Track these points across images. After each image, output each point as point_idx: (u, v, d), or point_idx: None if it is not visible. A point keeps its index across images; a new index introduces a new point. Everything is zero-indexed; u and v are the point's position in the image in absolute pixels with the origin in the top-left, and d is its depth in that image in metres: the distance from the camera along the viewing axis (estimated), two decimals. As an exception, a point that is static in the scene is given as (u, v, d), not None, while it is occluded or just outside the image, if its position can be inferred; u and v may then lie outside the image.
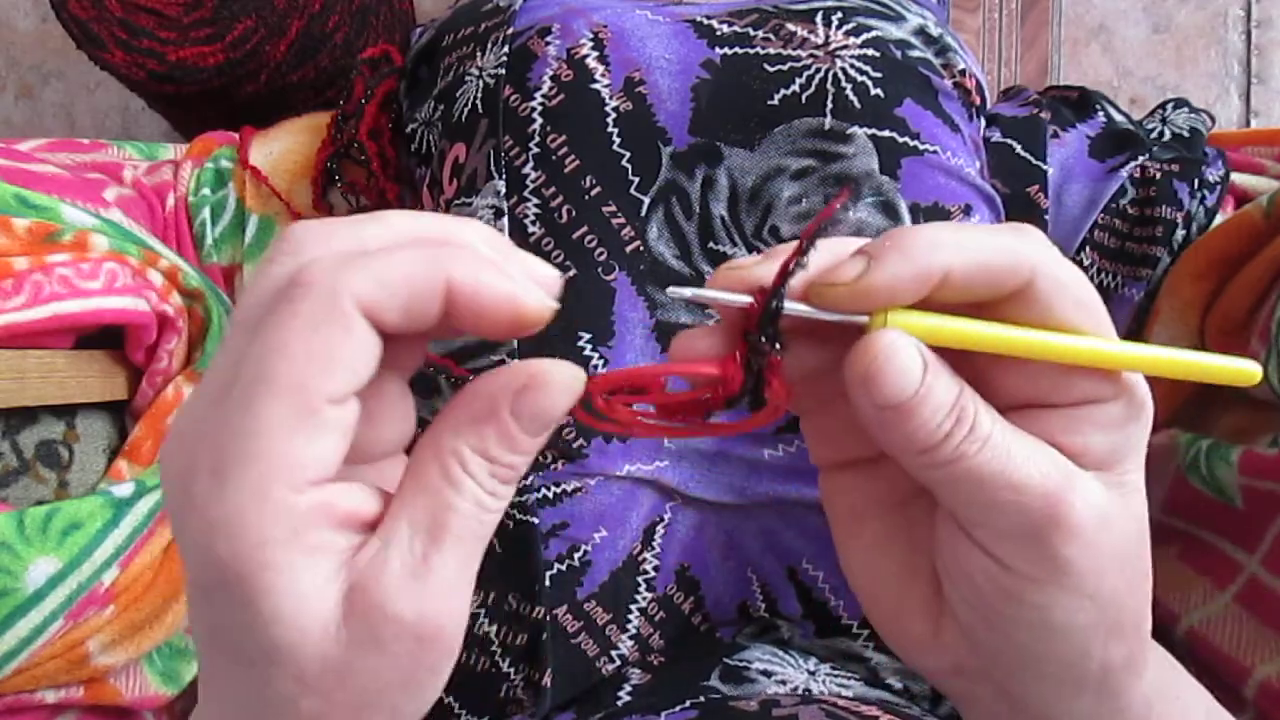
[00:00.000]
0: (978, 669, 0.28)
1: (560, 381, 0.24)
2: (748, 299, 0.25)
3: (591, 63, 0.54)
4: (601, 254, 0.51)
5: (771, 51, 0.53)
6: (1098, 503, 0.25)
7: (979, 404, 0.25)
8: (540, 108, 0.53)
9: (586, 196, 0.52)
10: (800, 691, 0.47)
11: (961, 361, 0.26)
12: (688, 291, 0.25)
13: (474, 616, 0.50)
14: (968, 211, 0.53)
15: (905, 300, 0.24)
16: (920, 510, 0.29)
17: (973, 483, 0.25)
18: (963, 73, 0.57)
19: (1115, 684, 0.28)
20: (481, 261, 0.23)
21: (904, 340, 0.24)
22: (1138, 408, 0.26)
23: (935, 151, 0.52)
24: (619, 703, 0.48)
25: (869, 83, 0.52)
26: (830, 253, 0.25)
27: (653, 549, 0.52)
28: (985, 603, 0.26)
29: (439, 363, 0.55)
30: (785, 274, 0.25)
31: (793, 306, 0.25)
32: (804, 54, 0.53)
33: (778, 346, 0.25)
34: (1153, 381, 0.27)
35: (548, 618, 0.49)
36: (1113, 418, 0.26)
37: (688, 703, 0.45)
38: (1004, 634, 0.27)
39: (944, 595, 0.28)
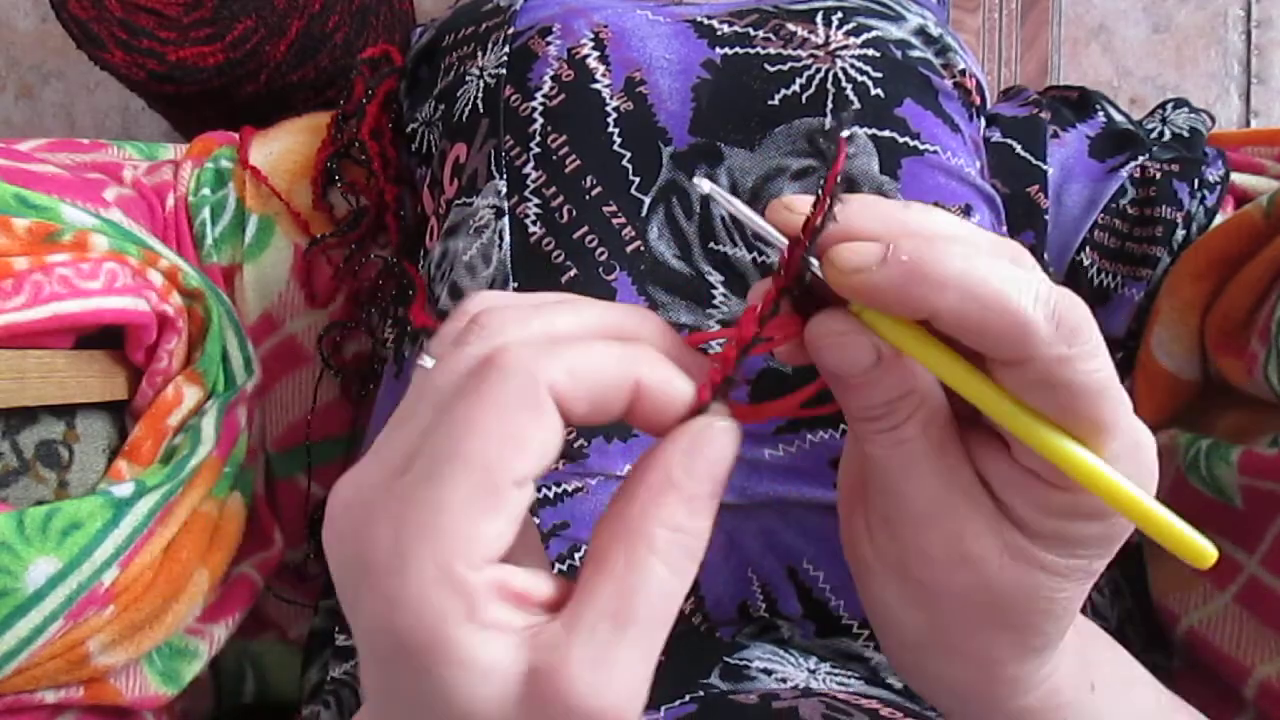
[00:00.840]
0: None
1: (721, 426, 0.24)
2: (783, 241, 0.25)
3: (592, 63, 0.54)
4: (602, 254, 0.51)
5: (772, 51, 0.53)
6: (965, 553, 0.26)
7: (921, 416, 0.26)
8: (541, 107, 0.53)
9: (587, 196, 0.52)
10: (800, 688, 0.47)
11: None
12: (743, 208, 0.26)
13: None
14: (967, 211, 0.53)
15: (888, 311, 0.24)
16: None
17: (879, 468, 0.27)
18: (963, 73, 0.57)
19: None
20: (668, 366, 0.24)
21: (861, 333, 0.25)
22: (1096, 529, 0.26)
23: (935, 151, 0.52)
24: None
25: (869, 83, 0.52)
26: (871, 218, 0.25)
27: (653, 549, 0.52)
28: (859, 565, 0.30)
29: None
30: (813, 230, 0.25)
31: (813, 264, 0.25)
32: (804, 54, 0.53)
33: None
34: (1153, 383, 0.27)
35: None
36: (1090, 533, 0.26)
37: (687, 697, 0.45)
38: (870, 602, 0.30)
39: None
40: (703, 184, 0.26)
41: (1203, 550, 0.24)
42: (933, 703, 0.32)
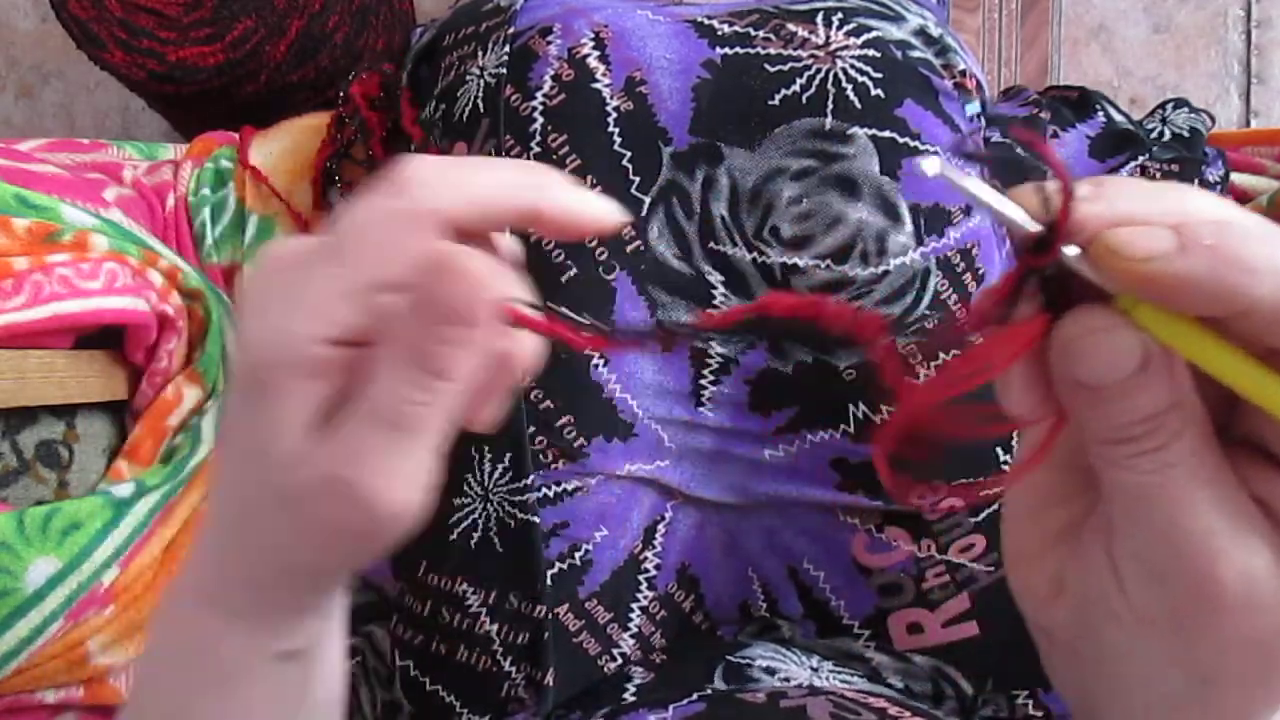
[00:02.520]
0: (1069, 657, 0.27)
1: (467, 271, 0.25)
2: (1037, 227, 0.21)
3: (592, 62, 0.54)
4: (602, 254, 0.51)
5: (772, 52, 0.53)
6: (1258, 595, 0.22)
7: (1191, 434, 0.22)
8: (541, 107, 0.53)
9: (587, 196, 0.52)
10: (807, 686, 0.47)
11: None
12: (986, 190, 0.22)
13: (475, 615, 0.50)
14: (968, 212, 0.53)
15: (1186, 310, 0.21)
16: (1090, 504, 0.26)
17: (1135, 500, 0.23)
18: (963, 73, 0.57)
19: (1246, 712, 0.24)
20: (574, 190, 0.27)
21: (1128, 331, 0.21)
22: None
23: (935, 152, 0.52)
24: (624, 700, 0.48)
25: (869, 83, 0.52)
26: (1141, 200, 0.22)
27: (654, 548, 0.52)
28: (1089, 613, 0.25)
29: None
30: (1066, 219, 0.21)
31: (1067, 253, 0.21)
32: (804, 54, 0.53)
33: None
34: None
35: (549, 617, 0.49)
36: None
37: (695, 695, 0.45)
38: (1097, 653, 0.25)
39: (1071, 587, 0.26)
40: (930, 164, 0.22)
41: None
42: None
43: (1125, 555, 0.24)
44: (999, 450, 0.50)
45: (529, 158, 0.52)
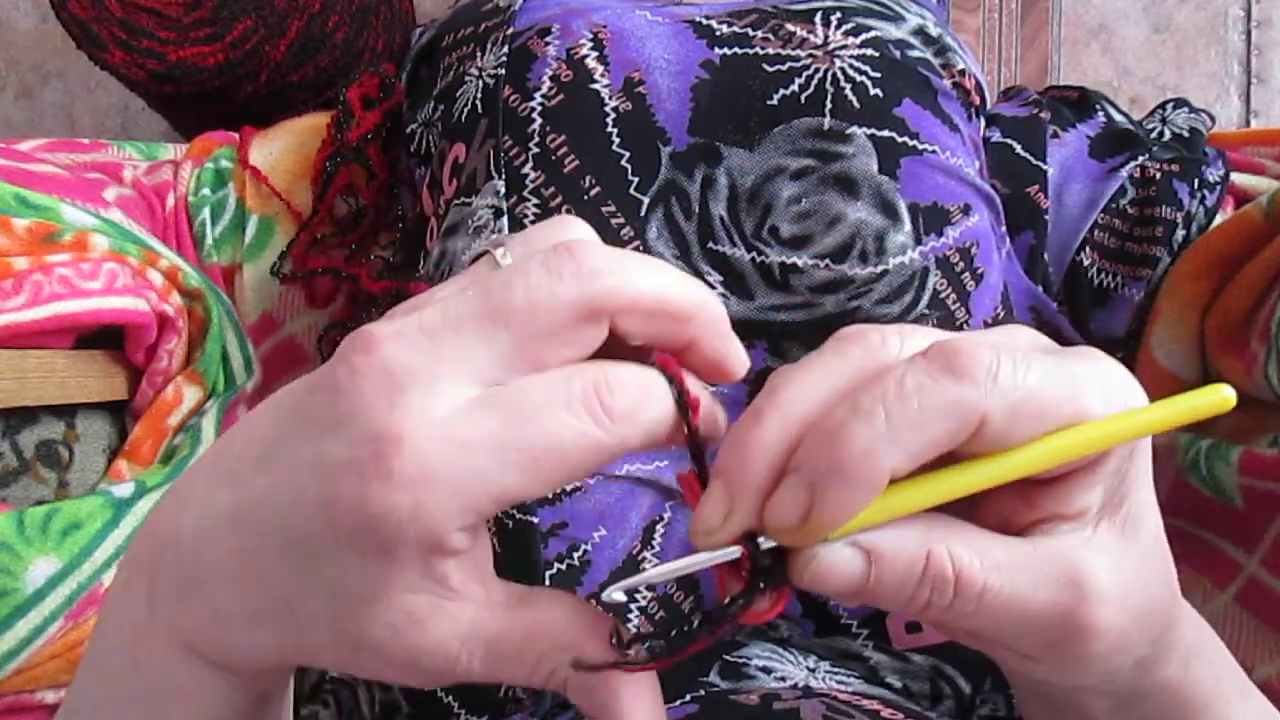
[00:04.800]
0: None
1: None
2: (735, 551, 0.24)
3: (591, 63, 0.54)
4: (601, 254, 0.51)
5: (771, 52, 0.53)
6: (1112, 589, 0.25)
7: (959, 549, 0.24)
8: (540, 108, 0.53)
9: (586, 196, 0.52)
10: (800, 687, 0.47)
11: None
12: (677, 565, 0.24)
13: None
14: (966, 211, 0.53)
15: (861, 505, 0.23)
16: None
17: (983, 627, 0.25)
18: (962, 73, 0.57)
19: (1149, 664, 0.28)
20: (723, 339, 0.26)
21: (832, 553, 0.23)
22: (1128, 447, 0.25)
23: (934, 151, 0.52)
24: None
25: (868, 83, 0.52)
26: (757, 484, 0.23)
27: (653, 548, 0.52)
28: (1016, 665, 0.27)
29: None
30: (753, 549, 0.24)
31: (767, 543, 0.24)
32: (803, 54, 0.53)
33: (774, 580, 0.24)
34: (1153, 382, 0.26)
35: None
36: (1100, 471, 0.25)
37: (688, 696, 0.45)
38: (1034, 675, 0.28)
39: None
40: (609, 593, 0.25)
41: (1220, 397, 0.24)
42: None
43: (1010, 652, 0.26)
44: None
45: (528, 158, 0.52)
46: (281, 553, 0.23)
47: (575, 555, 0.50)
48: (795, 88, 0.52)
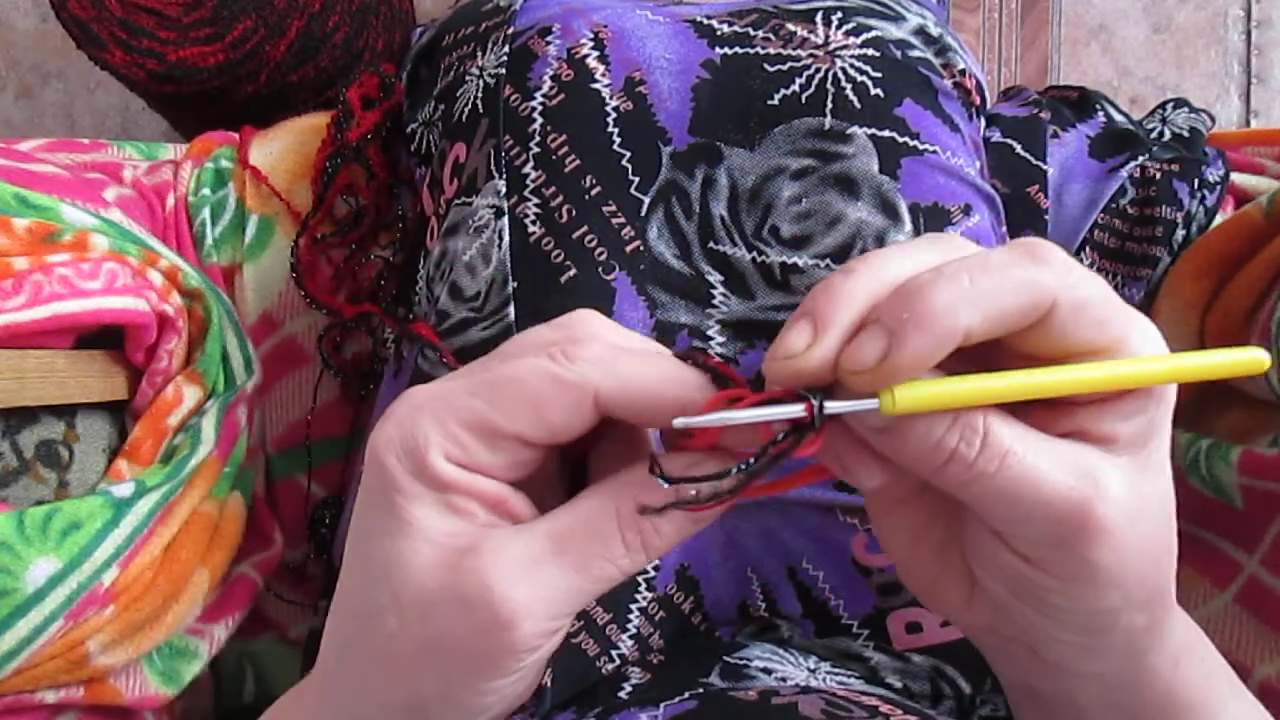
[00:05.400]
0: (1009, 633, 0.30)
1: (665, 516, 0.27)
2: (799, 409, 0.25)
3: (592, 62, 0.54)
4: (601, 254, 0.51)
5: (771, 51, 0.53)
6: (1125, 501, 0.26)
7: (992, 417, 0.25)
8: (540, 107, 0.53)
9: (586, 196, 0.52)
10: (801, 687, 0.47)
11: (981, 362, 0.26)
12: (744, 414, 0.26)
13: None
14: (967, 211, 0.53)
15: (930, 364, 0.24)
16: (956, 503, 0.29)
17: (997, 498, 0.26)
18: (963, 73, 0.57)
19: (1140, 646, 0.29)
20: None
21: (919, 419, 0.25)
22: (1160, 390, 0.26)
23: (935, 151, 0.52)
24: (619, 699, 0.48)
25: (869, 83, 0.52)
26: (842, 323, 0.25)
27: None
28: (1015, 591, 0.28)
29: (429, 339, 0.55)
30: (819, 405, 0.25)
31: (831, 407, 0.25)
32: (804, 54, 0.53)
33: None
34: None
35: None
36: (1137, 405, 0.26)
37: (687, 694, 0.45)
38: (1033, 614, 0.28)
39: (976, 576, 0.30)
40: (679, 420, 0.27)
41: (1254, 359, 0.26)
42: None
43: (1017, 543, 0.27)
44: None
45: (528, 158, 0.52)
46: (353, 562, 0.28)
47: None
48: (796, 87, 0.52)
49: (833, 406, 0.25)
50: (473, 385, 0.26)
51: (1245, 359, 0.26)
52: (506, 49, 0.55)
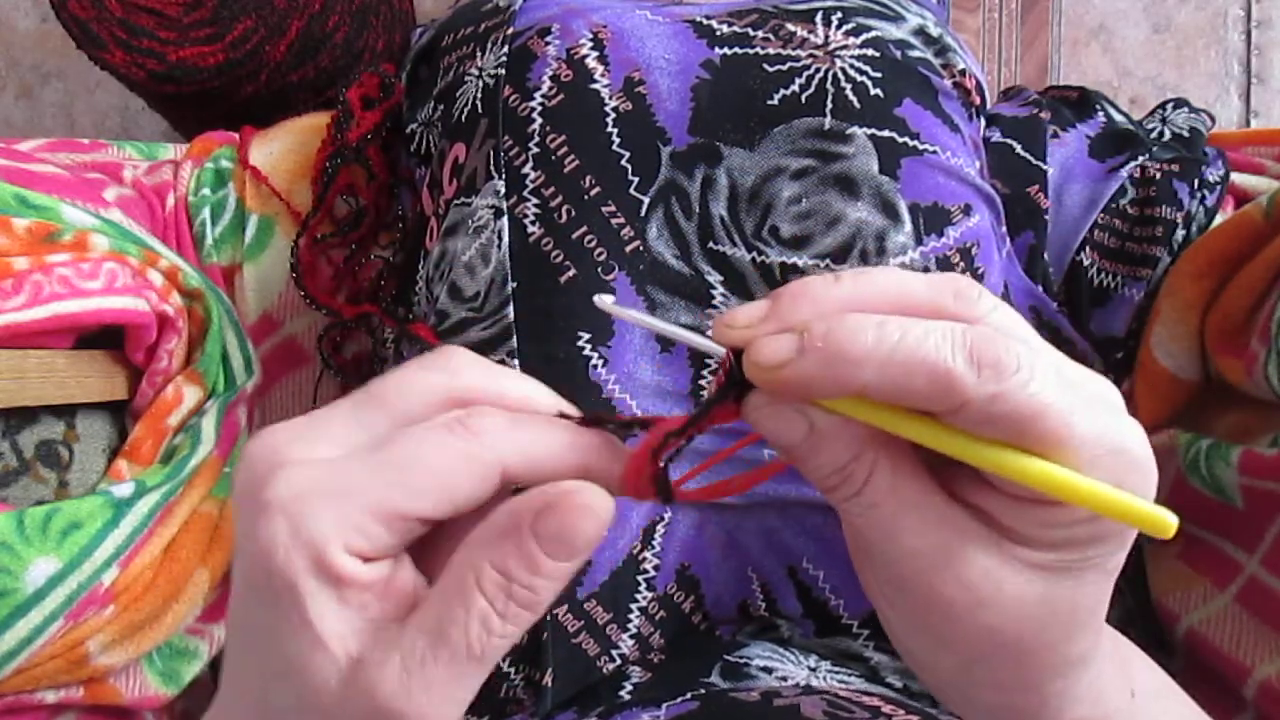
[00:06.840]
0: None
1: (586, 505, 0.24)
2: (722, 351, 0.26)
3: (591, 63, 0.54)
4: (601, 254, 0.51)
5: (771, 52, 0.53)
6: (984, 595, 0.25)
7: (880, 473, 0.25)
8: (540, 108, 0.53)
9: (586, 196, 0.52)
10: (802, 686, 0.47)
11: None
12: (680, 331, 0.27)
13: None
14: (967, 211, 0.53)
15: (819, 396, 0.24)
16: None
17: (862, 535, 0.27)
18: (962, 73, 0.57)
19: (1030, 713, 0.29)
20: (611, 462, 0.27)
21: (780, 411, 0.25)
22: (1087, 516, 0.25)
23: (935, 151, 0.52)
24: (620, 699, 0.48)
25: (869, 83, 0.52)
26: (790, 322, 0.25)
27: (653, 548, 0.52)
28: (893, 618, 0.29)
29: (428, 340, 0.55)
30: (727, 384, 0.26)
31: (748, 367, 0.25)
32: (804, 54, 0.53)
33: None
34: (1153, 382, 0.27)
35: (548, 617, 0.49)
36: (1052, 514, 0.25)
37: (688, 694, 0.45)
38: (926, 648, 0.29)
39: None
40: (604, 300, 0.27)
41: (1162, 521, 0.24)
42: None
43: (880, 577, 0.28)
44: None
45: (528, 158, 0.53)
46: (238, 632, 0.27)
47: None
48: (796, 88, 0.52)
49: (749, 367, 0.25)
50: (371, 466, 0.24)
51: (1154, 518, 0.24)
52: (506, 49, 0.55)
